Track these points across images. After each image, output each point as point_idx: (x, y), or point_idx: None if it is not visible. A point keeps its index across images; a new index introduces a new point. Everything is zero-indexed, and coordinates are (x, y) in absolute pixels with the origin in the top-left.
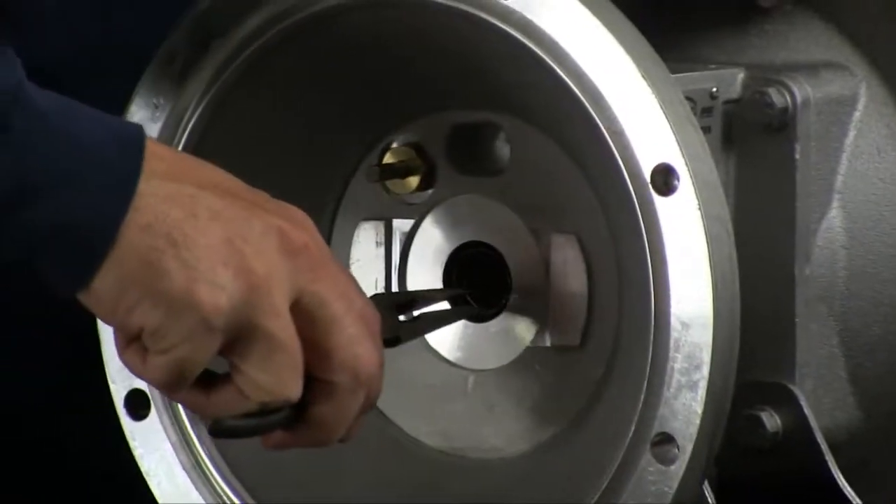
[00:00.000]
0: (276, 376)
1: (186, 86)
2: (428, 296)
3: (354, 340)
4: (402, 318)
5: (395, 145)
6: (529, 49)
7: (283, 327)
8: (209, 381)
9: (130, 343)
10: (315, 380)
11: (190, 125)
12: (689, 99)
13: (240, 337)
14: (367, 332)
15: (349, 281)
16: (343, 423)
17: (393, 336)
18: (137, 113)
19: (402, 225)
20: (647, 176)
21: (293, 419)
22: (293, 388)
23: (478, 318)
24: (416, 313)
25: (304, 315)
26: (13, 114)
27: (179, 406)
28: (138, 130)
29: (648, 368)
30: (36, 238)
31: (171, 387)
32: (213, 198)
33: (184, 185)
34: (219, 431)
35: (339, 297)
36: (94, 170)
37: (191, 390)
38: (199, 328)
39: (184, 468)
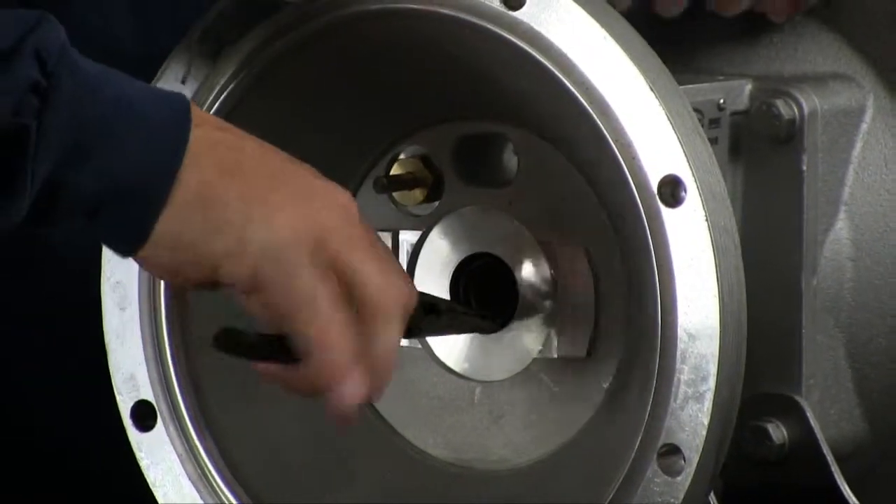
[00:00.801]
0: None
1: (197, 94)
2: (451, 307)
3: (383, 324)
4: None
5: (402, 156)
6: (537, 60)
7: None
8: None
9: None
10: None
11: None
12: (696, 110)
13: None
14: (398, 313)
15: (391, 257)
16: (337, 375)
17: (415, 326)
18: None
19: (409, 236)
20: (655, 187)
21: (290, 357)
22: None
23: (489, 331)
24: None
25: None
26: (61, 74)
27: (185, 416)
28: (180, 93)
29: (655, 379)
30: (94, 196)
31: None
32: (257, 145)
33: (228, 134)
34: (223, 339)
35: (378, 273)
36: (145, 124)
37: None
38: (272, 245)
39: (189, 479)
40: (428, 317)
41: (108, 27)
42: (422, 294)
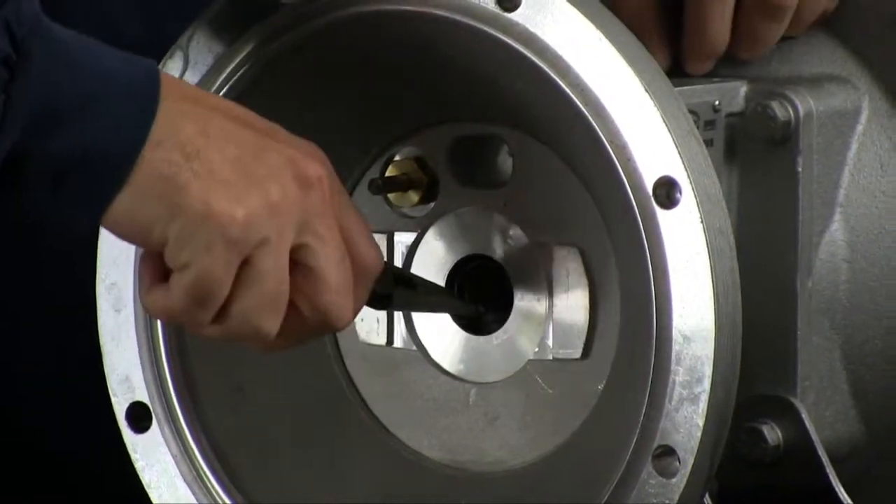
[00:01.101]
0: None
1: None
2: (429, 286)
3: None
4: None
5: (397, 158)
6: (532, 62)
7: (279, 260)
8: None
9: (154, 284)
10: None
11: None
12: (691, 112)
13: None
14: (349, 284)
15: (357, 221)
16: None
17: (386, 293)
18: None
19: (404, 238)
20: (650, 189)
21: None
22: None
23: (476, 329)
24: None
25: (297, 259)
26: (33, 42)
27: (181, 418)
28: (151, 61)
29: (650, 381)
30: (60, 164)
31: (195, 309)
32: (225, 121)
33: (197, 107)
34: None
35: (336, 247)
36: (115, 95)
37: None
38: (217, 240)
39: (185, 480)
40: (400, 288)
41: (114, 15)
42: (397, 268)
